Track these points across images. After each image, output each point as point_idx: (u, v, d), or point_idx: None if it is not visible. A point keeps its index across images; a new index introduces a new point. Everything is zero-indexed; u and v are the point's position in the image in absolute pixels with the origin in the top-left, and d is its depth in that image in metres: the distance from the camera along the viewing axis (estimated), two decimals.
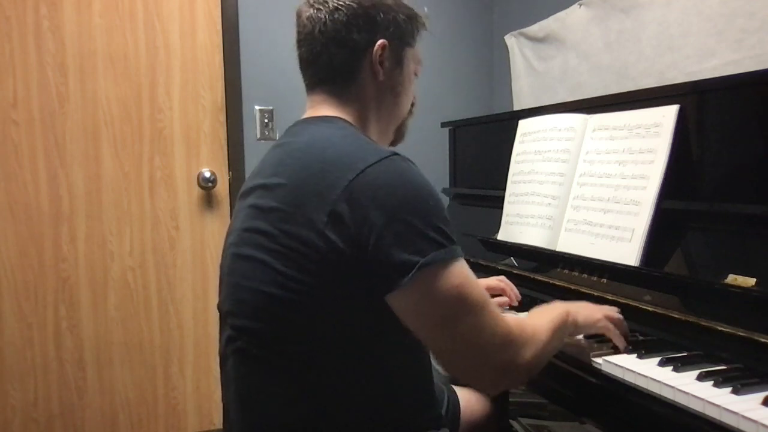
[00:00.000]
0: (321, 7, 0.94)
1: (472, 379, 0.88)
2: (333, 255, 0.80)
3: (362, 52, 0.96)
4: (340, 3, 0.94)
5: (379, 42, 0.96)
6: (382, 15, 0.96)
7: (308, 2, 0.97)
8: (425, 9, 1.03)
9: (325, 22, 0.94)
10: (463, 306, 0.81)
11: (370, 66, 0.96)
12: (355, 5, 0.94)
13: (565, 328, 0.94)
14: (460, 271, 0.82)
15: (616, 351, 0.98)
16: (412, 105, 1.07)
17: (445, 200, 2.06)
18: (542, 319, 0.92)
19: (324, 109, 0.97)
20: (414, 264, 0.78)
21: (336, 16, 0.94)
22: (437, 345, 0.84)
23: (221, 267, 1.00)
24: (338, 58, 0.95)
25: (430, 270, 0.79)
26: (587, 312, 1.00)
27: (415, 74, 1.05)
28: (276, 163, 0.92)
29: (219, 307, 0.99)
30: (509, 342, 0.83)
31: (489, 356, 0.82)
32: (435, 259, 0.79)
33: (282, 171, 0.89)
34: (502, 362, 0.83)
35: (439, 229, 0.81)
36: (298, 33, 0.99)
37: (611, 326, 0.99)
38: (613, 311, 1.03)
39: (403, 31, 0.99)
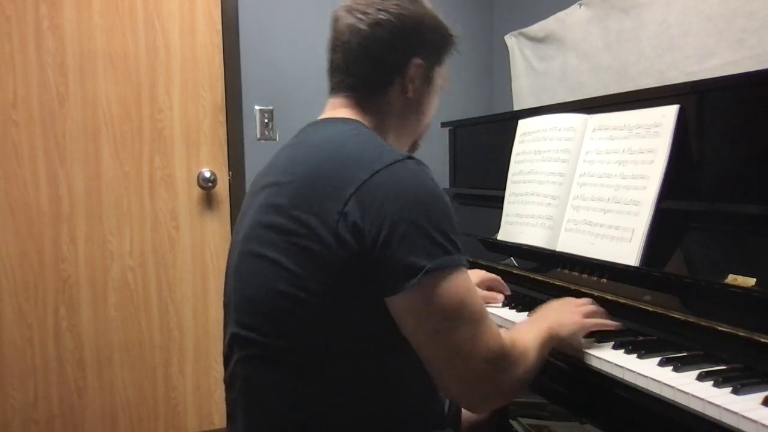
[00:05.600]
0: (362, 18, 0.94)
1: (460, 390, 0.84)
2: (342, 252, 0.80)
3: (397, 69, 0.97)
4: (382, 17, 0.93)
5: (415, 62, 0.97)
6: (420, 35, 0.96)
7: (348, 8, 0.96)
8: (459, 28, 1.03)
9: (365, 36, 0.94)
10: (462, 315, 0.80)
11: (401, 83, 0.97)
12: (397, 23, 0.94)
13: (551, 343, 0.95)
14: (464, 280, 0.82)
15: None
16: None
17: None
18: (530, 335, 0.91)
19: (343, 112, 0.97)
20: (420, 268, 0.78)
21: (377, 31, 0.93)
22: (430, 352, 0.83)
23: (227, 265, 1.00)
24: (372, 72, 0.96)
25: (436, 275, 0.79)
26: (567, 321, 0.99)
27: (442, 88, 1.06)
28: (289, 160, 0.93)
29: (225, 304, 0.99)
30: (501, 357, 0.83)
31: (480, 368, 0.82)
32: (441, 265, 0.79)
33: (295, 168, 0.89)
34: (492, 376, 0.83)
35: (447, 235, 0.81)
36: (335, 39, 0.98)
37: (589, 323, 1.01)
38: (587, 307, 1.04)
39: (437, 51, 1.01)
